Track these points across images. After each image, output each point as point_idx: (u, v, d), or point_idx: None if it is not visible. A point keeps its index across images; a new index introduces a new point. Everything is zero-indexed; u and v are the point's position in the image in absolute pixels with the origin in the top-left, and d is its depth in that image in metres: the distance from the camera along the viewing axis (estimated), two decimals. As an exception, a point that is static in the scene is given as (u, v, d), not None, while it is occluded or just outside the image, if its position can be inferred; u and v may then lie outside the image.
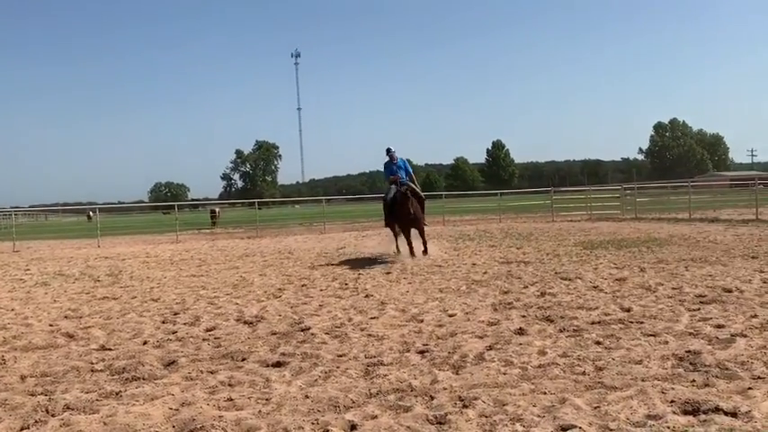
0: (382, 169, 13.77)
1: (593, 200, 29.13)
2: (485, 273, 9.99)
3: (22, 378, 4.88)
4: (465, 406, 3.84)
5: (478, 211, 35.03)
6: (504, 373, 4.48)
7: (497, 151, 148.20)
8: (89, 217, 46.35)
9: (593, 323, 5.99)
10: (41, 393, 4.43)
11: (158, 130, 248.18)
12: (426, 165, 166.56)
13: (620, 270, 9.56)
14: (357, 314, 6.97)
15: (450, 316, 6.65)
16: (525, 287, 8.38)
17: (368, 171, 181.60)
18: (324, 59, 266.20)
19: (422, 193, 13.33)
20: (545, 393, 4.01)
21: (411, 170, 13.75)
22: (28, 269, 13.91)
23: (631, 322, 5.94)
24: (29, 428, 3.75)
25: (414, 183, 13.43)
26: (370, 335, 5.90)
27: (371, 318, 6.73)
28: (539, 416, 3.62)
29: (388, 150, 13.37)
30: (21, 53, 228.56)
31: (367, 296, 8.14)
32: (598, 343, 5.25)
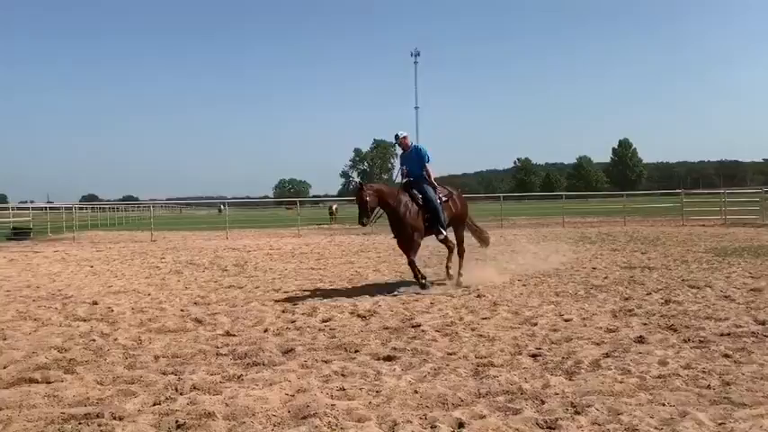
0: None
1: (728, 203, 26.99)
2: (605, 278, 9.60)
3: (156, 358, 5.31)
4: (577, 412, 3.74)
5: (601, 213, 33.61)
6: (621, 382, 4.31)
7: (624, 150, 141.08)
8: (219, 210, 49.39)
9: (721, 335, 5.60)
10: (172, 373, 4.81)
11: (284, 128, 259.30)
12: (546, 164, 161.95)
13: (755, 280, 8.84)
14: (468, 314, 6.96)
15: (566, 321, 6.47)
16: (648, 294, 7.97)
17: (484, 170, 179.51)
18: (442, 57, 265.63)
19: (449, 193, 9.81)
20: (664, 405, 3.82)
21: (428, 160, 9.48)
22: (163, 258, 15.06)
23: (766, 336, 5.49)
24: (160, 404, 4.08)
25: (429, 178, 9.42)
26: (480, 335, 5.87)
27: (483, 318, 6.69)
28: (656, 428, 3.46)
29: (397, 137, 9.50)
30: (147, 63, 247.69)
31: (479, 296, 8.08)
32: (726, 356, 4.90)
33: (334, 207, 38.18)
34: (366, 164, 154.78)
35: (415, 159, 9.50)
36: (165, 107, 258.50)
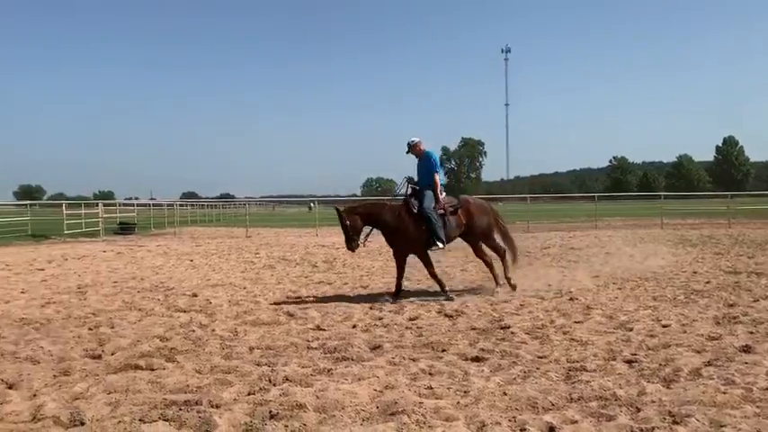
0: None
1: None
2: (707, 282, 9.07)
3: (251, 349, 5.52)
4: (675, 422, 3.56)
5: (703, 215, 31.82)
6: (724, 393, 4.06)
7: (729, 148, 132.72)
8: (309, 208, 50.57)
9: (841, 348, 5.16)
10: (265, 364, 4.98)
11: (371, 126, 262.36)
12: (644, 162, 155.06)
13: None
14: (560, 317, 6.77)
15: (664, 326, 6.17)
16: (756, 301, 7.47)
17: (578, 168, 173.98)
18: (534, 54, 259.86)
19: (459, 202, 8.79)
20: (774, 420, 3.57)
21: (436, 168, 8.65)
22: (257, 253, 15.61)
23: None
24: (254, 394, 4.23)
25: (435, 187, 8.49)
26: (573, 339, 5.70)
27: (575, 322, 6.49)
28: (764, 444, 3.24)
29: (409, 145, 8.76)
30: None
31: (571, 299, 7.84)
32: None
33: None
34: (454, 162, 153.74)
35: (425, 167, 8.69)
36: (262, 110, 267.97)
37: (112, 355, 5.34)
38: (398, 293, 8.22)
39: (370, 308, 7.46)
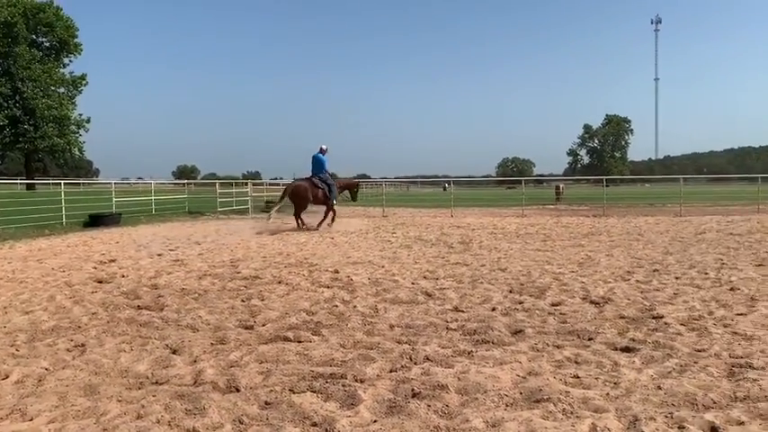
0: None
1: None
2: None
3: (391, 327, 5.61)
4: None
5: None
6: None
7: None
8: (444, 188, 50.60)
9: None
10: (406, 342, 5.04)
11: (510, 105, 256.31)
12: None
13: None
14: (719, 308, 6.23)
15: None
16: None
17: (736, 147, 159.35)
18: (687, 23, 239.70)
19: None
20: None
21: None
22: (394, 233, 15.86)
23: None
24: (396, 371, 4.30)
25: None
26: (735, 332, 5.22)
27: (738, 314, 5.94)
28: None
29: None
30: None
31: (732, 289, 7.19)
32: None
33: (561, 186, 36.91)
34: (597, 141, 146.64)
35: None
36: (392, 94, 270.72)
37: (263, 326, 5.66)
38: None
39: (510, 291, 7.30)
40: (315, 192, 16.51)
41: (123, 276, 8.61)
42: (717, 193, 40.54)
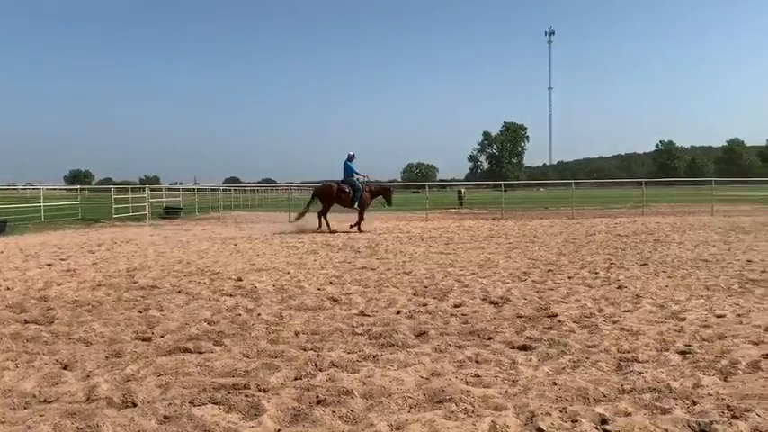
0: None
1: None
2: (763, 271, 8.74)
3: (296, 334, 5.54)
4: (734, 416, 3.43)
5: (757, 201, 30.75)
6: (787, 387, 3.89)
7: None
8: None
9: None
10: (311, 349, 4.99)
11: (412, 115, 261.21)
12: (692, 147, 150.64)
13: None
14: (608, 305, 6.61)
15: (719, 317, 5.96)
16: (817, 292, 7.16)
17: (623, 153, 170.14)
18: (578, 36, 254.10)
19: None
20: (843, 418, 3.40)
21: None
22: (301, 238, 15.71)
23: None
24: (301, 379, 4.25)
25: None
26: (623, 328, 5.55)
27: (625, 311, 6.33)
28: (833, 443, 3.09)
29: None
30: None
31: (620, 287, 7.66)
32: None
33: (463, 191, 37.94)
34: (495, 147, 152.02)
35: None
36: (293, 97, 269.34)
37: (162, 337, 5.44)
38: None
39: (414, 294, 7.42)
40: (340, 194, 17.81)
41: (8, 289, 8.00)
42: (606, 196, 43.09)
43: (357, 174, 18.15)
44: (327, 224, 17.95)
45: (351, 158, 18.15)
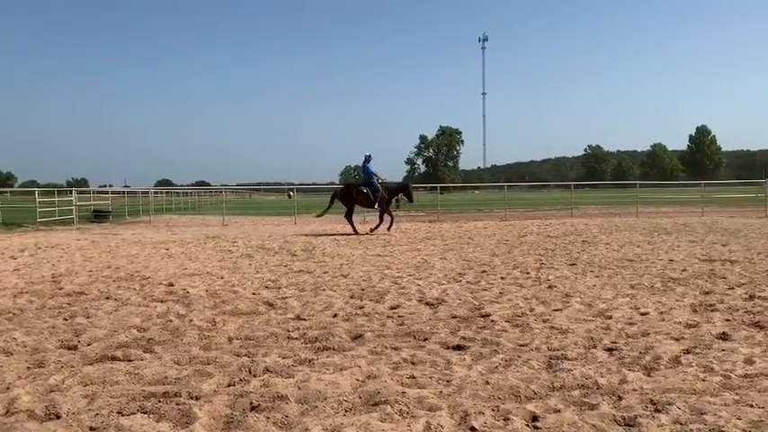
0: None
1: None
2: (683, 270, 9.19)
3: (230, 340, 5.44)
4: (657, 410, 3.58)
5: (677, 203, 32.32)
6: (704, 380, 4.11)
7: (702, 138, 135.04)
8: (289, 196, 50.22)
9: (815, 335, 5.25)
10: (245, 355, 4.91)
11: (351, 117, 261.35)
12: (618, 151, 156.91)
13: None
14: (539, 305, 6.80)
15: (643, 314, 6.23)
16: (731, 288, 7.58)
17: (553, 157, 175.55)
18: (511, 41, 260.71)
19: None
20: (752, 406, 3.61)
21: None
22: (235, 242, 15.45)
23: None
24: (234, 385, 4.17)
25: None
26: (553, 327, 5.72)
27: (555, 309, 6.53)
28: (744, 430, 3.27)
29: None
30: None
31: (550, 287, 7.90)
32: (822, 358, 4.59)
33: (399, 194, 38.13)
34: (432, 151, 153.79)
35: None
36: (236, 95, 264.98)
37: (88, 345, 5.23)
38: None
39: (351, 297, 7.42)
40: (359, 195, 18.01)
41: None
42: (537, 199, 44.33)
43: (375, 174, 18.15)
44: (352, 226, 18.07)
45: (368, 159, 18.17)
